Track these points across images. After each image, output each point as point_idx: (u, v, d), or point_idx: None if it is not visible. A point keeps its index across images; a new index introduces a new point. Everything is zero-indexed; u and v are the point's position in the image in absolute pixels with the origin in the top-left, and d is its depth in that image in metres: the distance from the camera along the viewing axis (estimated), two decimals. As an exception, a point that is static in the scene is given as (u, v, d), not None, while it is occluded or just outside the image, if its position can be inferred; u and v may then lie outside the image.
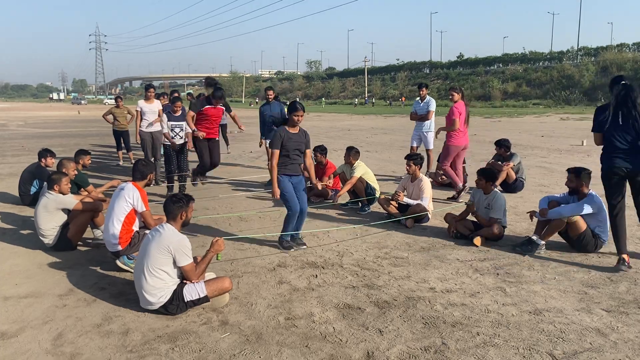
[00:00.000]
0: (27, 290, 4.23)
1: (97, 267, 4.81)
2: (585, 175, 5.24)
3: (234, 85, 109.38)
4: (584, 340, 3.36)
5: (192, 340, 3.38)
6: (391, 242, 5.65)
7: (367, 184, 7.10)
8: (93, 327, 3.57)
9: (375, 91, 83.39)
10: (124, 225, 4.65)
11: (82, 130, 23.27)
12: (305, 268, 4.80)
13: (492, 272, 4.67)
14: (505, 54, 77.01)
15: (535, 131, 21.54)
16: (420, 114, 9.39)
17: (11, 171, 10.49)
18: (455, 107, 7.65)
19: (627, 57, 57.64)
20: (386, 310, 3.84)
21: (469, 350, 3.23)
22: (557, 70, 63.09)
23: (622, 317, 3.71)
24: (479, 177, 5.77)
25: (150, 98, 9.01)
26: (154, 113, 8.98)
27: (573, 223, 5.10)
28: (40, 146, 8.44)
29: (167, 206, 3.91)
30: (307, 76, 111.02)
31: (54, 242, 5.25)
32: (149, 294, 3.69)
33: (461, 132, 7.71)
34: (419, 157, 6.76)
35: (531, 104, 54.80)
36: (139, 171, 4.93)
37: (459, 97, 7.72)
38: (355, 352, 3.23)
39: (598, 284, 4.38)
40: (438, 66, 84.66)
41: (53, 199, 5.26)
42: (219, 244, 3.96)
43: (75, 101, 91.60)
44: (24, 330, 3.53)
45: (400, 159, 11.50)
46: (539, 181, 9.20)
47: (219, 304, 3.89)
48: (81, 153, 7.02)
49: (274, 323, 3.63)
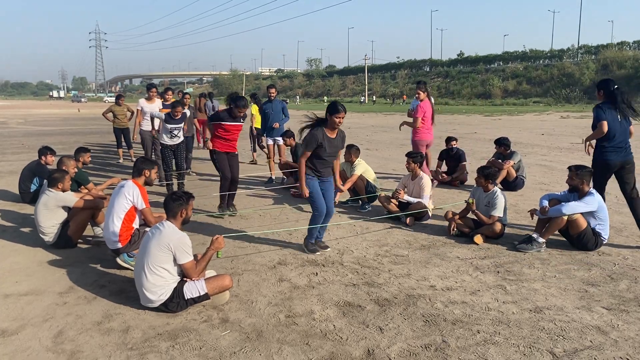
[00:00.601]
0: (28, 288, 4.23)
1: (97, 265, 4.81)
2: (586, 173, 5.24)
3: (234, 83, 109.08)
4: (585, 338, 3.36)
5: (193, 337, 3.38)
6: (391, 240, 5.65)
7: (367, 181, 7.10)
8: (93, 324, 3.57)
9: (375, 89, 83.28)
10: (124, 223, 4.65)
11: (82, 128, 23.27)
12: (305, 266, 4.80)
13: (492, 270, 4.67)
14: (506, 52, 76.90)
15: (535, 129, 21.52)
16: None
17: (11, 169, 10.49)
18: (420, 106, 8.00)
19: (628, 55, 57.54)
20: (386, 308, 3.84)
21: (470, 348, 3.23)
22: (557, 68, 63.01)
23: (623, 315, 3.71)
24: (479, 176, 5.77)
25: (152, 98, 8.87)
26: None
27: (573, 221, 5.10)
28: (40, 144, 8.43)
29: (167, 204, 3.90)
30: (308, 74, 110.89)
31: (54, 239, 5.25)
32: (149, 291, 3.69)
33: (426, 129, 8.14)
34: (419, 155, 6.76)
35: (531, 102, 54.74)
36: (139, 169, 4.93)
37: (424, 95, 8.08)
38: (356, 349, 3.23)
39: (598, 282, 4.38)
40: (438, 64, 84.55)
41: (53, 197, 5.26)
42: (219, 241, 3.96)
43: (76, 99, 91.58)
44: (25, 327, 3.53)
45: (401, 157, 11.50)
46: (539, 179, 9.20)
47: (219, 302, 3.89)
48: (81, 151, 7.03)
49: (274, 321, 3.63)
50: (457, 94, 68.02)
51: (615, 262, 4.86)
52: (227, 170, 6.68)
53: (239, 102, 6.55)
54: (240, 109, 6.56)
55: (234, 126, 6.65)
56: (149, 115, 8.72)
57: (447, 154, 9.29)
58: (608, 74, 56.36)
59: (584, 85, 56.77)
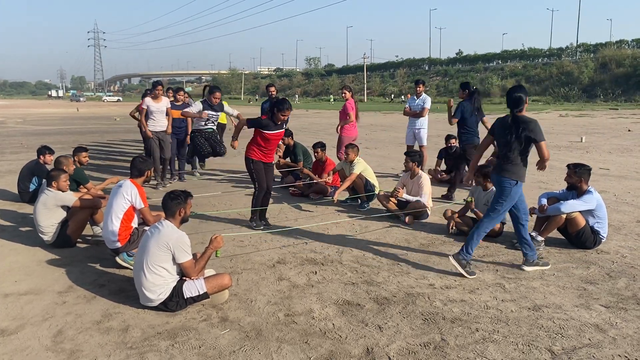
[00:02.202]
0: (27, 287, 4.23)
1: (96, 264, 4.81)
2: (585, 172, 5.25)
3: (233, 82, 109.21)
4: (583, 336, 3.37)
5: (192, 336, 3.39)
6: (390, 239, 5.65)
7: (366, 180, 7.11)
8: (93, 323, 3.57)
9: (374, 88, 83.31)
10: (122, 222, 4.65)
11: (81, 128, 23.24)
12: (304, 265, 4.80)
13: (491, 269, 4.68)
14: (505, 50, 77.04)
15: (534, 128, 21.49)
16: (414, 111, 9.39)
17: (10, 168, 10.47)
18: (347, 104, 8.82)
19: (626, 54, 57.60)
20: (385, 307, 3.84)
21: (468, 346, 3.24)
22: (556, 66, 63.07)
23: (621, 313, 3.72)
24: (478, 175, 5.77)
25: (158, 96, 8.44)
26: (162, 112, 8.48)
27: (572, 219, 5.11)
28: (39, 143, 8.41)
29: (165, 203, 3.90)
30: (306, 73, 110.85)
31: (53, 239, 5.25)
32: (148, 290, 3.69)
33: (353, 125, 8.97)
34: (418, 154, 6.77)
35: (530, 101, 54.65)
36: (137, 168, 4.92)
37: (349, 95, 8.84)
38: (355, 348, 3.23)
39: (597, 280, 4.39)
40: (437, 63, 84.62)
41: (52, 196, 5.26)
42: (217, 240, 3.96)
43: (74, 98, 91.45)
44: (24, 327, 3.53)
45: (399, 156, 11.51)
46: (537, 178, 9.20)
47: (218, 301, 3.89)
48: (78, 150, 7.01)
49: (273, 319, 3.64)
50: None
51: (613, 261, 4.87)
52: (263, 181, 6.07)
53: (281, 106, 5.81)
54: (284, 113, 5.84)
55: (275, 135, 5.96)
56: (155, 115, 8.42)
57: (446, 152, 9.30)
58: (607, 72, 56.44)
59: (583, 83, 56.84)
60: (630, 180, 9.07)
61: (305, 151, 8.79)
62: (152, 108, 8.31)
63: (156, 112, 8.36)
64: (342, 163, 7.52)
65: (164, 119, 8.47)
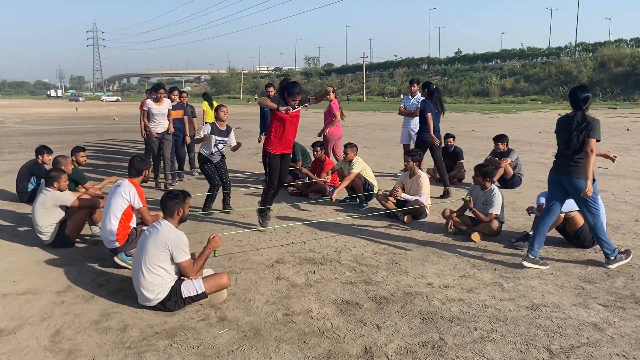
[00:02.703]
0: (25, 287, 4.23)
1: (95, 264, 4.81)
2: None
3: (232, 82, 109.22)
4: (581, 335, 3.38)
5: (190, 336, 3.39)
6: (389, 238, 5.65)
7: (365, 180, 7.11)
8: (91, 323, 3.57)
9: (373, 87, 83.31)
10: (121, 222, 4.65)
11: (80, 127, 23.22)
12: (303, 264, 4.80)
13: (489, 268, 4.68)
14: (504, 49, 77.03)
15: (533, 127, 21.55)
16: (409, 110, 9.40)
17: (8, 168, 10.46)
18: (333, 104, 8.91)
19: (625, 53, 57.62)
20: (384, 306, 3.84)
21: (467, 346, 3.24)
22: (555, 66, 63.08)
23: (619, 312, 3.73)
24: (477, 173, 5.77)
25: (160, 99, 8.39)
26: (163, 115, 8.45)
27: (570, 218, 5.11)
28: (38, 143, 8.40)
29: (163, 203, 3.90)
30: (305, 72, 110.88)
31: (51, 239, 5.24)
32: (146, 290, 3.69)
33: (337, 124, 9.04)
34: (418, 154, 6.78)
35: (529, 100, 54.78)
36: (135, 168, 4.92)
37: (333, 95, 8.85)
38: (353, 347, 3.23)
39: (595, 279, 4.39)
40: (436, 62, 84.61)
41: (50, 196, 5.25)
42: (216, 240, 3.96)
43: (73, 98, 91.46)
44: (22, 327, 3.53)
45: (398, 155, 11.51)
46: (536, 177, 9.21)
47: (217, 300, 3.89)
48: (76, 150, 7.01)
49: (272, 319, 3.64)
50: (455, 92, 68.07)
51: (612, 259, 4.87)
52: (275, 178, 5.87)
53: (292, 90, 5.54)
54: (295, 97, 5.54)
55: (290, 116, 5.63)
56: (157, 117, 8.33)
57: (444, 151, 9.29)
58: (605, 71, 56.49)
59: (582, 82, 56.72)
60: (629, 180, 9.08)
61: (304, 150, 8.79)
62: (153, 110, 8.33)
63: (157, 114, 8.38)
64: (341, 162, 7.52)
65: (166, 120, 8.51)
